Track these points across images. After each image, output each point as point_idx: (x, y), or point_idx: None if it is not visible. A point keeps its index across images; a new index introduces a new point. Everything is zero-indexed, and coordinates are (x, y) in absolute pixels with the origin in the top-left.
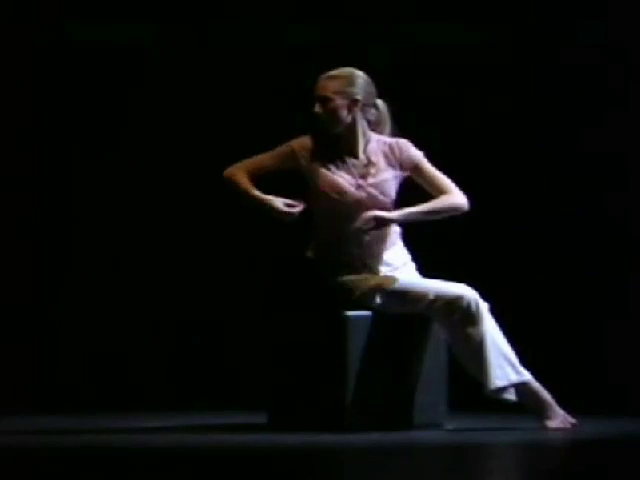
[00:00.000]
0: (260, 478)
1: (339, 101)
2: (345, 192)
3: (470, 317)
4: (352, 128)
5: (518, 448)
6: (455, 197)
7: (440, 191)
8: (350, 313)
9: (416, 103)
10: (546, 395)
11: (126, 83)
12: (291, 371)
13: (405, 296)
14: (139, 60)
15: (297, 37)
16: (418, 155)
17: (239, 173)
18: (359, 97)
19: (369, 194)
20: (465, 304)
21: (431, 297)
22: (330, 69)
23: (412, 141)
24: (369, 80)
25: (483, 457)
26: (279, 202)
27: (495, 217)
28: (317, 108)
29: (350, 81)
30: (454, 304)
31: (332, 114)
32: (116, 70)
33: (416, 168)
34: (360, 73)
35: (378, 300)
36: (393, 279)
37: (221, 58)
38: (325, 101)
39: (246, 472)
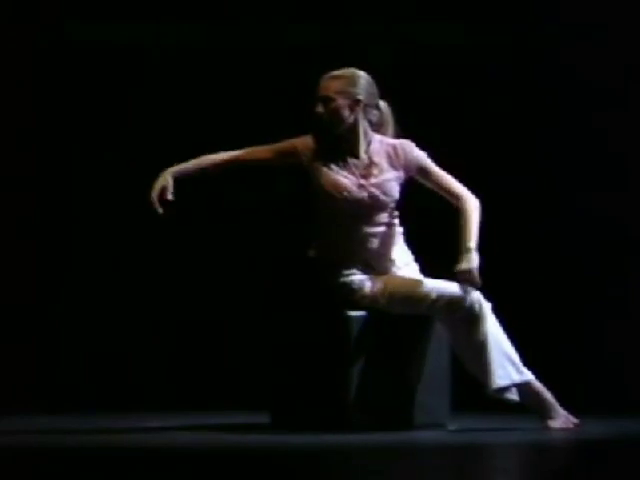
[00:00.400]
0: (261, 478)
1: (341, 101)
2: (347, 191)
3: (472, 317)
4: (354, 128)
5: (520, 448)
6: (472, 200)
7: (449, 193)
8: (352, 313)
9: (416, 103)
10: (548, 395)
11: (126, 83)
12: (292, 371)
13: (407, 296)
14: (139, 60)
15: (297, 37)
16: (422, 156)
17: (214, 157)
18: (361, 97)
19: (371, 194)
20: (467, 304)
21: (433, 297)
22: (330, 69)
23: (412, 141)
24: (371, 81)
25: (485, 457)
26: (157, 188)
27: (495, 217)
28: (319, 108)
29: (352, 81)
30: (456, 304)
31: (334, 114)
32: (116, 70)
33: (421, 170)
34: (362, 74)
35: (381, 300)
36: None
37: (221, 58)
38: (327, 101)
39: (247, 472)
